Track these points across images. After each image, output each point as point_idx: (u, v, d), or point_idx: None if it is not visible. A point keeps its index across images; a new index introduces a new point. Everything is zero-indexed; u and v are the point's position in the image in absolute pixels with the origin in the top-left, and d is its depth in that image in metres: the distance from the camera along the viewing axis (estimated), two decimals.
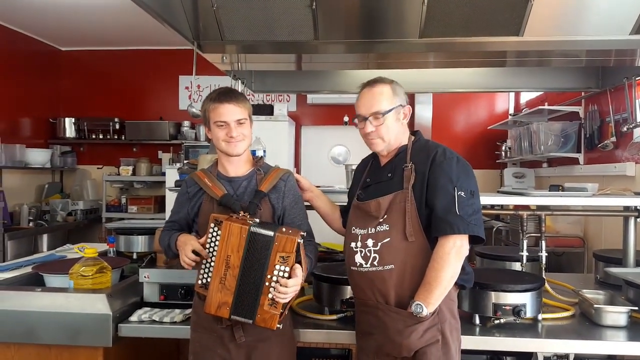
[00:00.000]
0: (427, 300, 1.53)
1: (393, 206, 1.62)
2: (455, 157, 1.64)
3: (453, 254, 1.54)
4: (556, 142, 4.13)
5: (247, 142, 1.78)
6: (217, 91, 1.76)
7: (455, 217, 1.54)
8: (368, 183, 1.76)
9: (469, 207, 1.57)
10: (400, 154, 1.71)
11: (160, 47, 5.93)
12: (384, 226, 1.62)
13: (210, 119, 1.74)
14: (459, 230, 1.53)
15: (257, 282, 1.59)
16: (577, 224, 4.07)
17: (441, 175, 1.59)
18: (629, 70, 2.76)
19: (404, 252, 1.59)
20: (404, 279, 1.59)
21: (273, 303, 1.59)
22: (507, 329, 1.87)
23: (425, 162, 1.63)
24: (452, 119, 5.87)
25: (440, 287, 1.54)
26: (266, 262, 1.57)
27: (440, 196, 1.57)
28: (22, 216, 5.17)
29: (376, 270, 1.61)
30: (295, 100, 6.07)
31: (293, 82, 3.32)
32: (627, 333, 1.85)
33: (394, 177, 1.67)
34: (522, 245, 2.26)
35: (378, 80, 1.70)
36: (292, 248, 1.56)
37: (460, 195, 1.56)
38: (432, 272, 1.54)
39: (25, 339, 1.92)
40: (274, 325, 1.60)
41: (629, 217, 2.37)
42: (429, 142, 1.74)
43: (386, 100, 1.66)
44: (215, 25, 2.23)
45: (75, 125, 5.87)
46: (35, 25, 5.28)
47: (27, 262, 2.67)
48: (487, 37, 2.21)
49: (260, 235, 1.58)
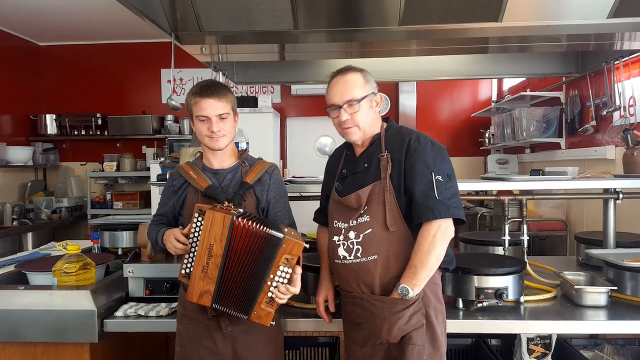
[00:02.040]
0: (412, 282, 1.55)
1: (372, 197, 1.63)
2: (429, 142, 1.65)
3: (439, 236, 1.55)
4: (538, 128, 4.17)
5: (230, 137, 1.78)
6: (199, 84, 1.76)
7: (435, 202, 1.55)
8: (345, 174, 1.76)
9: (448, 190, 1.58)
10: (375, 142, 1.72)
11: (141, 40, 5.84)
12: (364, 217, 1.63)
13: (193, 112, 1.75)
14: (440, 214, 1.55)
15: (256, 279, 1.59)
16: (560, 208, 4.13)
17: (417, 161, 1.60)
18: (608, 55, 2.79)
19: (387, 242, 1.61)
20: (388, 268, 1.61)
21: (270, 302, 1.61)
22: (490, 312, 1.90)
23: (400, 149, 1.64)
24: (436, 107, 5.90)
25: (426, 269, 1.56)
26: (270, 263, 1.57)
27: (418, 182, 1.58)
28: (5, 215, 5.09)
29: (360, 262, 1.62)
30: (279, 91, 6.04)
31: (276, 73, 3.30)
32: (607, 312, 1.90)
33: (371, 167, 1.68)
34: (505, 230, 2.29)
35: (349, 69, 1.70)
36: (299, 252, 1.58)
37: (438, 180, 1.58)
38: (418, 255, 1.56)
39: (10, 337, 1.90)
40: (268, 322, 1.62)
41: (609, 199, 2.41)
42: (402, 128, 1.75)
43: (359, 88, 1.66)
44: (193, 16, 2.20)
45: (57, 122, 5.77)
46: (12, 21, 5.16)
47: (11, 260, 2.64)
48: (466, 23, 2.22)
49: (269, 235, 1.57)
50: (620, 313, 1.88)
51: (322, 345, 2.54)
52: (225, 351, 1.71)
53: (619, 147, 3.32)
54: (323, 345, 2.54)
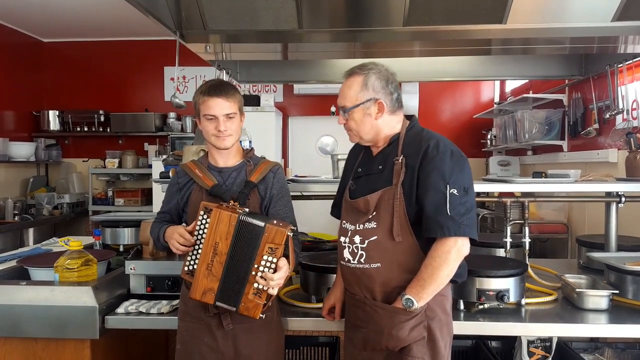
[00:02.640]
0: (419, 294, 1.50)
1: (381, 203, 1.56)
2: (449, 150, 1.54)
3: (453, 253, 1.48)
4: (540, 130, 4.17)
5: (236, 136, 1.78)
6: (208, 83, 1.76)
7: (445, 218, 1.47)
8: (359, 173, 1.70)
9: (461, 206, 1.49)
10: (393, 143, 1.63)
11: (144, 37, 5.84)
12: (371, 223, 1.57)
13: (200, 111, 1.75)
14: (450, 232, 1.47)
15: (244, 270, 1.59)
16: (561, 211, 4.13)
17: (433, 171, 1.51)
18: (612, 58, 2.79)
19: (392, 251, 1.55)
20: (391, 277, 1.56)
21: (258, 292, 1.59)
22: (491, 314, 1.90)
23: (416, 155, 1.55)
24: (438, 108, 5.90)
25: (435, 284, 1.50)
26: (254, 252, 1.57)
27: (430, 194, 1.50)
28: (7, 210, 5.10)
29: (363, 267, 1.59)
30: (282, 90, 6.04)
31: (279, 72, 3.31)
32: (609, 316, 1.89)
33: (385, 169, 1.60)
34: (506, 232, 2.29)
35: (354, 71, 1.61)
36: (282, 240, 1.57)
37: (453, 194, 1.48)
38: (429, 269, 1.49)
39: (11, 332, 1.91)
40: (257, 314, 1.61)
41: (611, 202, 2.41)
42: (423, 131, 1.64)
43: (353, 95, 1.58)
44: (198, 15, 2.21)
45: (60, 118, 5.78)
46: (16, 17, 5.17)
47: (12, 255, 2.65)
48: (470, 25, 2.22)
49: (250, 224, 1.58)
50: (621, 317, 1.88)
51: (322, 345, 2.54)
52: (227, 349, 1.71)
53: (621, 150, 3.31)
54: (323, 345, 2.54)
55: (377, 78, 1.59)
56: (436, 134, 1.62)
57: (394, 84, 1.61)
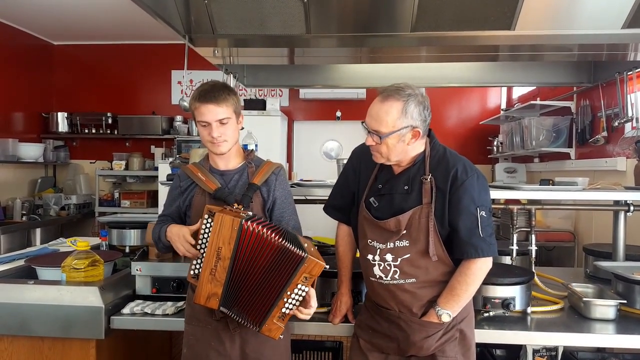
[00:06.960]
0: (454, 308, 1.61)
1: (412, 222, 1.59)
2: (475, 174, 1.60)
3: (484, 269, 1.60)
4: (548, 137, 4.15)
5: (232, 141, 1.75)
6: (200, 89, 1.72)
7: (479, 240, 1.57)
8: (381, 191, 1.67)
9: (489, 226, 1.59)
10: (418, 163, 1.64)
11: (152, 41, 5.89)
12: (403, 242, 1.60)
13: (195, 117, 1.74)
14: (483, 253, 1.57)
15: (274, 294, 1.57)
16: (568, 219, 4.10)
17: (464, 195, 1.57)
18: (621, 65, 2.78)
19: (424, 267, 1.61)
20: (425, 290, 1.63)
21: (282, 316, 1.60)
22: (497, 322, 1.89)
23: (445, 179, 1.58)
24: (444, 114, 5.89)
25: (468, 298, 1.63)
26: (290, 279, 1.55)
27: (464, 218, 1.57)
28: (15, 210, 5.14)
29: (397, 283, 1.63)
30: (287, 95, 6.05)
31: (285, 77, 3.32)
32: (616, 326, 1.88)
33: (412, 190, 1.61)
34: (512, 239, 2.28)
35: (392, 94, 1.54)
36: (318, 273, 1.56)
37: (482, 216, 1.57)
38: (463, 285, 1.59)
39: (18, 331, 1.92)
40: (277, 336, 1.62)
41: (619, 211, 2.39)
42: (446, 152, 1.66)
43: (390, 122, 1.53)
44: (207, 19, 2.22)
45: (68, 120, 5.83)
46: (27, 19, 5.22)
47: (20, 255, 2.67)
48: (478, 31, 2.22)
49: (289, 251, 1.54)
50: (629, 327, 1.86)
51: (326, 350, 2.54)
52: (234, 353, 1.70)
53: (630, 159, 3.29)
54: (327, 350, 2.54)
55: (415, 105, 1.54)
56: (459, 156, 1.66)
57: (428, 110, 1.59)
